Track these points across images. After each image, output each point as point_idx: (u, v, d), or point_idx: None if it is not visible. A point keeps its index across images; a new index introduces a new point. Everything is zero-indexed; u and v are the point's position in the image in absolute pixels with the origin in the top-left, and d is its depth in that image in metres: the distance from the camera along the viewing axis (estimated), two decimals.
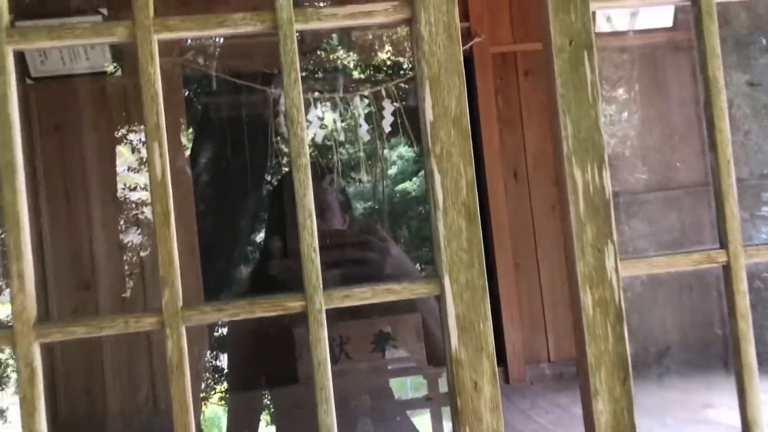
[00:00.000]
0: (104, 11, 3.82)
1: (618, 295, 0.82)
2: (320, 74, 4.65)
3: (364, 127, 4.10)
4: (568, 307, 4.36)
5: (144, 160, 3.96)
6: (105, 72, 3.90)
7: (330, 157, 4.14)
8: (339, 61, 4.39)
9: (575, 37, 0.82)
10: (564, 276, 4.22)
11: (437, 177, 0.79)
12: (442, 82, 0.80)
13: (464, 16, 4.18)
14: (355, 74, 4.88)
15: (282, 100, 4.07)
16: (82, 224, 3.87)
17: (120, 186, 3.94)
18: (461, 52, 0.80)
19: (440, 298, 0.78)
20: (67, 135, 3.87)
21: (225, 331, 4.47)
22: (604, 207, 0.83)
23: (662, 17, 4.26)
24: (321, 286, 0.76)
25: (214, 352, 4.57)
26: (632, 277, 0.83)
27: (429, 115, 0.80)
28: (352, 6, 0.78)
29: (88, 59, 3.85)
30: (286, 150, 4.86)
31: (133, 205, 4.02)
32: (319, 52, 4.21)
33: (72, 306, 3.79)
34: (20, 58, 3.78)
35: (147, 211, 3.96)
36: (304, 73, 4.46)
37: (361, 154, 4.06)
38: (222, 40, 4.06)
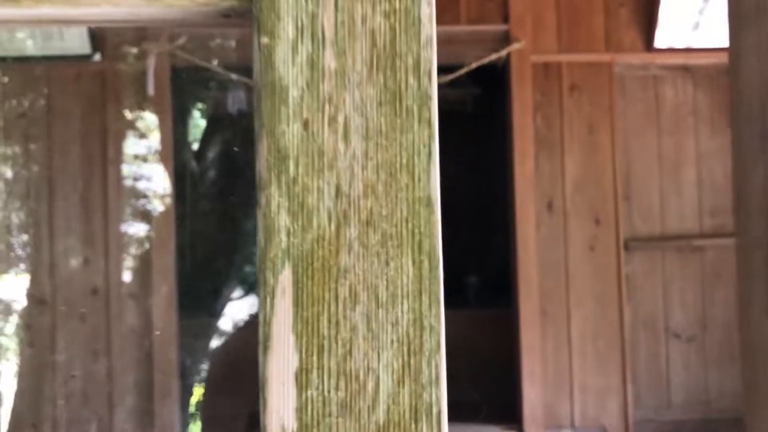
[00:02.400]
0: None
1: None
2: None
3: None
4: (600, 364, 3.70)
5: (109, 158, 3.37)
6: (83, 56, 3.32)
7: None
8: None
9: None
10: (598, 328, 3.56)
11: None
12: None
13: (503, 17, 3.52)
14: None
15: None
16: (43, 226, 3.31)
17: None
18: None
19: None
20: (34, 125, 3.30)
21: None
22: None
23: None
24: None
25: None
26: None
27: None
28: None
29: (62, 40, 3.28)
30: None
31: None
32: None
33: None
34: None
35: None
36: None
37: None
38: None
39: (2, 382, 3.22)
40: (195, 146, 4.38)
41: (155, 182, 3.33)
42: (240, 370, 3.94)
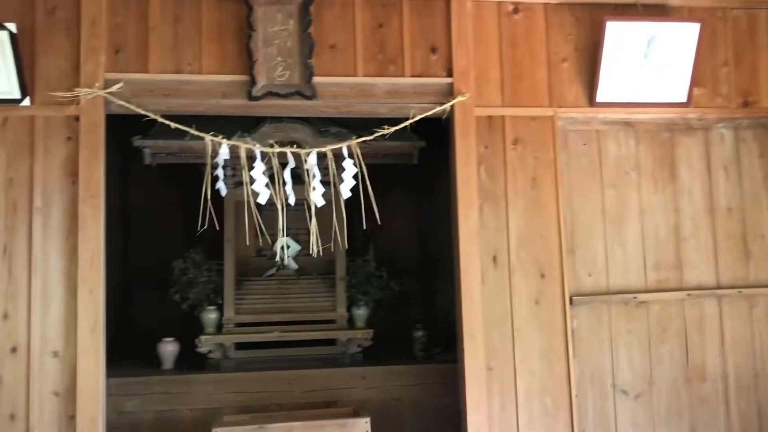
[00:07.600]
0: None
1: None
2: (276, 122, 3.91)
3: (319, 190, 3.36)
4: (547, 421, 3.57)
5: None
6: (12, 100, 3.16)
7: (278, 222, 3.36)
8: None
9: None
10: (545, 386, 3.43)
11: None
12: None
13: (447, 70, 3.48)
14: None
15: (223, 150, 3.33)
16: None
17: None
18: None
19: None
20: None
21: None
22: None
23: (675, 91, 3.59)
24: None
25: None
26: None
27: None
28: None
29: None
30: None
31: None
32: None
33: None
34: None
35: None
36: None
37: (313, 224, 3.29)
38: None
39: None
40: (131, 195, 4.21)
41: (86, 232, 3.15)
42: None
